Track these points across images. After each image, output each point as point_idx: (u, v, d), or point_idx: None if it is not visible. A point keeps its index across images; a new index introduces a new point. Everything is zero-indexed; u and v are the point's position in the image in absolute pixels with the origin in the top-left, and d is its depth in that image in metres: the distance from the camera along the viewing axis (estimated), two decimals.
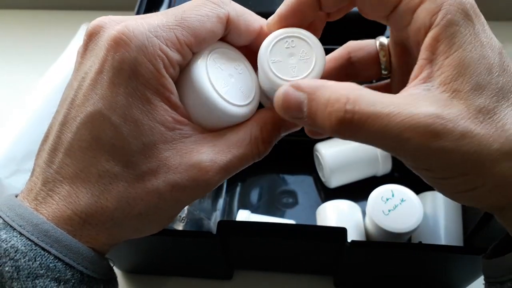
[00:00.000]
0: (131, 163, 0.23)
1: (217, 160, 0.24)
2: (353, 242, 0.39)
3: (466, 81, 0.21)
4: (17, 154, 0.58)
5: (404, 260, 0.43)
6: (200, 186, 0.24)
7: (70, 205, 0.23)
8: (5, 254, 0.21)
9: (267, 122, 0.26)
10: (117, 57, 0.22)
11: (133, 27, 0.22)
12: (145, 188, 0.23)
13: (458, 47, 0.22)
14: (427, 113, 0.21)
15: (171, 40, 0.23)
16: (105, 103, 0.22)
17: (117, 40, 0.22)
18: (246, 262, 0.50)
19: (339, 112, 0.22)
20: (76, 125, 0.23)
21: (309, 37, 0.25)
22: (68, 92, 0.24)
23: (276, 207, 0.56)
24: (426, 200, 0.50)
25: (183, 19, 0.23)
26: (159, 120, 0.23)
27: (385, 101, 0.21)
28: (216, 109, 0.24)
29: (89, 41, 0.24)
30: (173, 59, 0.23)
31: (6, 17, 0.86)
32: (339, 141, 0.55)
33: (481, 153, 0.21)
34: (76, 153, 0.23)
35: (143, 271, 0.51)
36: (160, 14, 0.24)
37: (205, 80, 0.24)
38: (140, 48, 0.22)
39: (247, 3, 0.28)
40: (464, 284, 0.47)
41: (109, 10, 0.79)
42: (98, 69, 0.23)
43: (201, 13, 0.24)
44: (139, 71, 0.22)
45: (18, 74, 0.75)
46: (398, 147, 0.21)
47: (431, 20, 0.22)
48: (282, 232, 0.41)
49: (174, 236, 0.41)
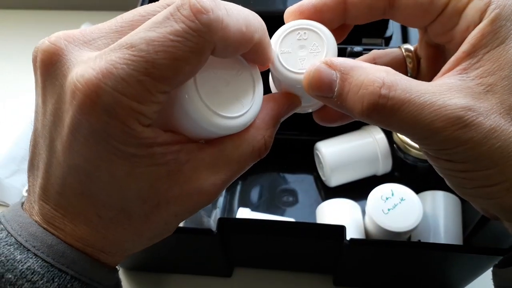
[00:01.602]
0: (129, 208, 0.22)
1: (218, 181, 0.23)
2: (352, 240, 0.40)
3: (504, 77, 0.21)
4: (17, 154, 0.58)
5: (403, 258, 0.43)
6: (202, 206, 0.23)
7: (80, 240, 0.22)
8: (22, 276, 0.21)
9: (270, 125, 0.25)
10: (86, 120, 0.19)
11: (96, 86, 0.18)
12: (150, 222, 0.22)
13: (501, 42, 0.22)
14: (460, 104, 0.21)
15: (141, 95, 0.19)
16: (87, 160, 0.20)
17: (81, 101, 0.19)
18: (246, 260, 0.50)
19: (373, 95, 0.21)
20: (62, 173, 0.21)
21: (322, 31, 0.25)
22: (41, 128, 0.22)
23: (276, 206, 0.56)
24: (426, 199, 0.50)
25: (154, 66, 0.18)
26: (150, 163, 0.21)
27: (420, 89, 0.21)
28: (210, 126, 0.22)
29: (46, 73, 0.21)
30: (148, 112, 0.19)
31: (6, 17, 0.86)
32: (339, 140, 0.55)
33: (506, 149, 0.21)
34: (70, 197, 0.22)
35: (144, 268, 0.51)
36: (125, 48, 0.19)
37: (194, 97, 0.21)
38: (109, 112, 0.19)
39: (248, 3, 0.27)
40: (464, 283, 0.47)
41: (109, 10, 0.79)
42: (67, 126, 0.20)
43: (179, 55, 0.19)
44: (114, 133, 0.19)
45: (18, 74, 0.75)
46: (427, 136, 0.21)
47: (481, 17, 0.22)
48: (282, 230, 0.41)
49: (174, 233, 0.41)
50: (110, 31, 0.21)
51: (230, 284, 0.50)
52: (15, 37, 0.82)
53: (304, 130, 0.58)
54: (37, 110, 0.22)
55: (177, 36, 0.18)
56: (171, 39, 0.18)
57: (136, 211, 0.22)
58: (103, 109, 0.19)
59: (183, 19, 0.19)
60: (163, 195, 0.22)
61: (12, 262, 0.21)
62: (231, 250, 0.45)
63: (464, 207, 0.50)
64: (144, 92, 0.19)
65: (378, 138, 0.54)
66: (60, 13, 0.84)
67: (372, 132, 0.55)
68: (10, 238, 0.22)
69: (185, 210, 0.23)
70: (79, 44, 0.21)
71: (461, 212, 0.50)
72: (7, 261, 0.21)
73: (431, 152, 0.23)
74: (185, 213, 0.23)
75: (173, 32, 0.18)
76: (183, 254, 0.47)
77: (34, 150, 0.23)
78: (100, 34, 0.21)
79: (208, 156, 0.23)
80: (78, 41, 0.21)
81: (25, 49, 0.80)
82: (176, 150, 0.21)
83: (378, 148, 0.54)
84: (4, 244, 0.21)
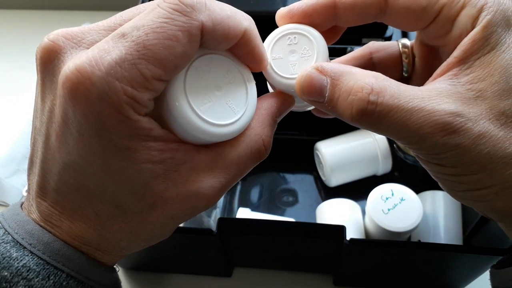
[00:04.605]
0: (125, 205, 0.21)
1: (217, 184, 0.22)
2: (352, 240, 0.40)
3: (495, 82, 0.21)
4: (17, 154, 0.58)
5: (403, 258, 0.43)
6: (200, 210, 0.23)
7: (76, 238, 0.22)
8: (17, 273, 0.21)
9: (266, 124, 0.24)
10: (78, 110, 0.19)
11: (89, 72, 0.18)
12: (146, 222, 0.22)
13: (492, 48, 0.22)
14: (448, 110, 0.21)
15: (136, 80, 0.19)
16: (81, 155, 0.20)
17: (73, 90, 0.19)
18: (245, 260, 0.50)
19: (362, 102, 0.21)
20: (58, 169, 0.21)
21: (312, 34, 0.25)
22: (39, 126, 0.22)
23: (276, 206, 0.56)
24: (426, 199, 0.50)
25: (146, 47, 0.19)
26: (144, 160, 0.20)
27: (409, 94, 0.21)
28: (201, 133, 0.21)
29: (45, 70, 0.21)
30: (143, 99, 0.19)
31: (6, 17, 0.86)
32: (339, 140, 0.55)
33: (494, 154, 0.21)
34: (66, 194, 0.22)
35: (143, 268, 0.51)
36: (117, 37, 0.19)
37: (183, 104, 0.21)
38: (102, 98, 0.18)
39: (248, 3, 0.27)
40: (464, 283, 0.47)
41: (109, 10, 0.79)
42: (61, 119, 0.20)
43: (168, 35, 0.19)
44: (108, 123, 0.19)
45: (18, 74, 0.76)
46: (416, 141, 0.22)
47: (473, 24, 0.22)
48: (282, 230, 0.41)
49: (174, 233, 0.41)
50: (108, 29, 0.21)
51: (230, 284, 0.50)
52: (15, 37, 0.82)
53: (304, 130, 0.58)
54: (36, 108, 0.22)
55: (164, 18, 0.19)
56: (159, 22, 0.19)
57: (132, 209, 0.22)
58: (97, 97, 0.18)
59: (167, 5, 0.19)
60: (159, 195, 0.21)
61: (8, 259, 0.21)
62: (231, 250, 0.45)
63: (464, 207, 0.50)
64: (138, 76, 0.19)
65: (378, 138, 0.54)
66: (60, 13, 0.84)
67: (372, 132, 0.55)
68: (7, 236, 0.22)
69: (182, 213, 0.22)
70: (78, 42, 0.21)
71: (461, 212, 0.50)
72: (3, 258, 0.21)
73: (422, 156, 0.23)
74: (182, 216, 0.23)
75: (160, 15, 0.19)
76: (183, 254, 0.47)
77: (33, 148, 0.23)
78: (98, 32, 0.21)
79: (206, 158, 0.22)
80: (77, 39, 0.21)
81: (25, 49, 0.80)
82: (173, 148, 0.21)
83: (378, 148, 0.54)
84: (1, 242, 0.21)
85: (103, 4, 0.81)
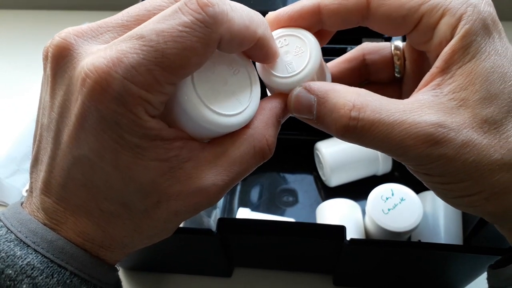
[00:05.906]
0: (130, 202, 0.22)
1: (219, 182, 0.23)
2: (352, 240, 0.40)
3: (476, 90, 0.22)
4: (17, 154, 0.59)
5: (403, 258, 0.43)
6: (202, 207, 0.23)
7: (80, 234, 0.22)
8: (22, 271, 0.21)
9: (269, 124, 0.25)
10: (94, 107, 0.20)
11: (106, 73, 0.19)
12: (150, 219, 0.23)
13: (472, 56, 0.22)
14: (430, 121, 0.21)
15: (150, 84, 0.19)
16: (92, 149, 0.21)
17: (91, 88, 0.19)
18: (245, 260, 0.50)
19: (344, 118, 0.22)
20: (67, 164, 0.22)
21: (300, 33, 0.26)
22: (48, 122, 0.22)
23: (276, 206, 0.56)
24: (426, 199, 0.50)
25: (164, 56, 0.19)
26: (152, 157, 0.21)
27: (390, 108, 0.22)
28: (209, 124, 0.22)
29: (57, 66, 0.21)
30: (155, 102, 0.20)
31: (6, 17, 0.86)
32: (339, 140, 0.55)
33: (480, 162, 0.21)
34: (72, 190, 0.22)
35: (143, 268, 0.51)
36: (135, 38, 0.19)
37: (192, 96, 0.22)
38: (118, 99, 0.19)
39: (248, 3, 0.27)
40: (464, 283, 0.47)
41: (109, 10, 0.79)
42: (77, 114, 0.20)
43: (187, 45, 0.19)
44: (121, 121, 0.20)
45: (18, 74, 0.76)
46: (400, 153, 0.22)
47: (452, 33, 0.22)
48: (282, 230, 0.41)
49: (175, 233, 0.41)
50: (116, 25, 0.22)
51: (230, 284, 0.50)
52: (15, 37, 0.82)
53: (304, 130, 0.58)
54: (44, 105, 0.23)
55: (185, 27, 0.19)
56: (180, 30, 0.19)
57: (137, 206, 0.22)
58: (113, 97, 0.19)
59: (190, 12, 0.19)
60: (164, 192, 0.22)
61: (12, 258, 0.21)
62: (231, 250, 0.45)
63: None
64: (153, 81, 0.19)
65: None
66: (60, 13, 0.85)
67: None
68: (10, 235, 0.22)
69: (185, 210, 0.23)
70: (88, 39, 0.21)
71: (461, 212, 0.50)
72: (7, 257, 0.21)
73: (410, 166, 0.24)
74: (186, 212, 0.23)
75: (181, 24, 0.19)
76: (183, 254, 0.47)
77: (39, 145, 0.23)
78: (107, 29, 0.22)
79: (210, 155, 0.23)
80: (87, 36, 0.21)
81: (25, 49, 0.80)
82: (178, 146, 0.22)
83: None
84: (4, 240, 0.22)
85: (103, 4, 0.81)
